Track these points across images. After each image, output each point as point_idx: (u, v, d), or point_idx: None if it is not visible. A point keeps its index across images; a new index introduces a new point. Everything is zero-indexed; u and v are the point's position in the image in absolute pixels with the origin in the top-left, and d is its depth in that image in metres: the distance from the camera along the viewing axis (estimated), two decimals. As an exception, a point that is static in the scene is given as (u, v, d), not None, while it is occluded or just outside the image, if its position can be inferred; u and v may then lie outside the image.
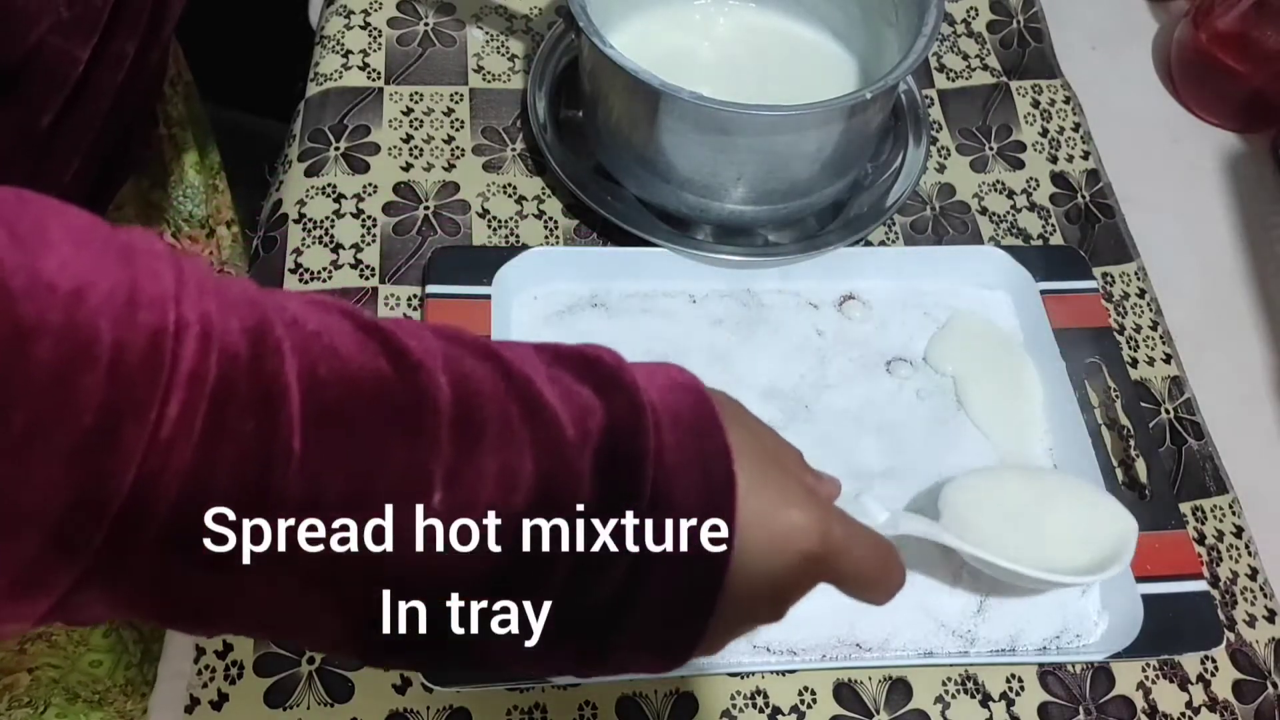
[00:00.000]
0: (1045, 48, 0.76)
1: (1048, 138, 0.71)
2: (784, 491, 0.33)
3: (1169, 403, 0.60)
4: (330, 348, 0.27)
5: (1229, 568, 0.55)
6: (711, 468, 0.31)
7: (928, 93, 0.72)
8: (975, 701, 0.50)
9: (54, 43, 0.40)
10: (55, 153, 0.44)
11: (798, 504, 0.33)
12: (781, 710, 0.50)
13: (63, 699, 0.60)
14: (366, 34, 0.71)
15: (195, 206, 0.68)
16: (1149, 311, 0.64)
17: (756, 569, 0.31)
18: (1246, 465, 0.59)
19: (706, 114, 0.55)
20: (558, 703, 0.49)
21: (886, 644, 0.51)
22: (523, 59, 0.71)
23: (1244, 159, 0.73)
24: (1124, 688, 0.51)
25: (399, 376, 0.28)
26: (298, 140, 0.66)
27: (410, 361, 0.28)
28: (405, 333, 0.29)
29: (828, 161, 0.60)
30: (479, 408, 0.29)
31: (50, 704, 0.60)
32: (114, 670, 0.63)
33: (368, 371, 0.28)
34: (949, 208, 0.67)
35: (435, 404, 0.28)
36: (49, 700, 0.60)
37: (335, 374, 0.27)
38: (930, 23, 0.58)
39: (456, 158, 0.66)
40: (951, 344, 0.61)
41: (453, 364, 0.29)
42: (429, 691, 0.48)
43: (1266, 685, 0.52)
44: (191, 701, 0.48)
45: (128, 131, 0.55)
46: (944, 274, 0.63)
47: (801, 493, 0.33)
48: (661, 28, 0.67)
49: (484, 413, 0.29)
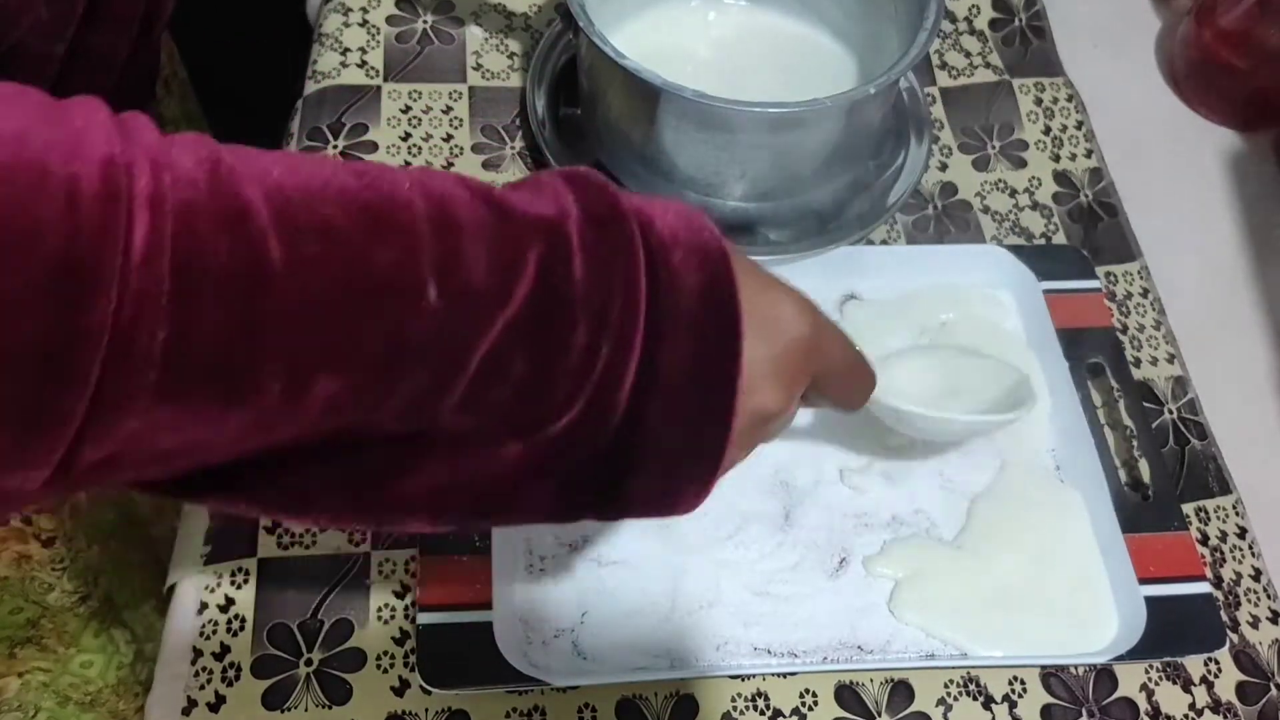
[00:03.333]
0: (1048, 46, 0.76)
1: (1050, 136, 0.71)
2: (772, 281, 0.35)
3: (1172, 403, 0.60)
4: (289, 166, 0.27)
5: (1232, 569, 0.55)
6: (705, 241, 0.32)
7: (929, 91, 0.72)
8: (977, 704, 0.50)
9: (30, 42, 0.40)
10: None
11: (786, 292, 0.35)
12: (783, 712, 0.49)
13: (53, 702, 0.60)
14: (365, 31, 0.70)
15: None
16: (1152, 311, 0.64)
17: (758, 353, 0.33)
18: (1250, 466, 0.59)
19: (709, 112, 0.55)
20: (557, 704, 0.48)
21: (888, 646, 0.51)
22: (521, 57, 0.71)
23: (1247, 157, 0.73)
24: (1127, 689, 0.51)
25: (364, 185, 0.28)
26: (296, 139, 0.66)
27: (372, 172, 0.29)
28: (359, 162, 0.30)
29: (830, 158, 0.60)
30: (451, 207, 0.29)
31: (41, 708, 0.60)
32: (105, 671, 0.62)
33: (332, 184, 0.28)
34: (951, 207, 0.67)
35: (408, 203, 0.28)
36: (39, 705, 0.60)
37: (298, 188, 0.27)
38: (931, 17, 0.57)
39: (455, 156, 0.65)
40: (953, 344, 0.61)
41: (414, 174, 0.30)
42: (427, 694, 0.48)
43: (1270, 687, 0.52)
44: (189, 703, 0.47)
45: None
46: (946, 273, 0.63)
47: (787, 286, 0.36)
48: (658, 25, 0.67)
49: (458, 211, 0.29)
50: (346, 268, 0.27)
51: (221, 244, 0.25)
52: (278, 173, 0.27)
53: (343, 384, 0.27)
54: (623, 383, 0.30)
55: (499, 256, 0.29)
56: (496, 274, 0.29)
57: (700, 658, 0.50)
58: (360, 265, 0.27)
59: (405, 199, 0.28)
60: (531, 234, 0.30)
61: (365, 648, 0.49)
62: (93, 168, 0.24)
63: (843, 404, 0.41)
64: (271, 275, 0.25)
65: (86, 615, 0.60)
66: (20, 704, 0.59)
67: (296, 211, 0.26)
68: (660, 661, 0.50)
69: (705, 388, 0.32)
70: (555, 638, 0.50)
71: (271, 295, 0.25)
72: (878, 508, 0.55)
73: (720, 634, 0.50)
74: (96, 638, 0.62)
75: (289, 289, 0.26)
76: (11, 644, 0.57)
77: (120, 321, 0.23)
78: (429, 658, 0.47)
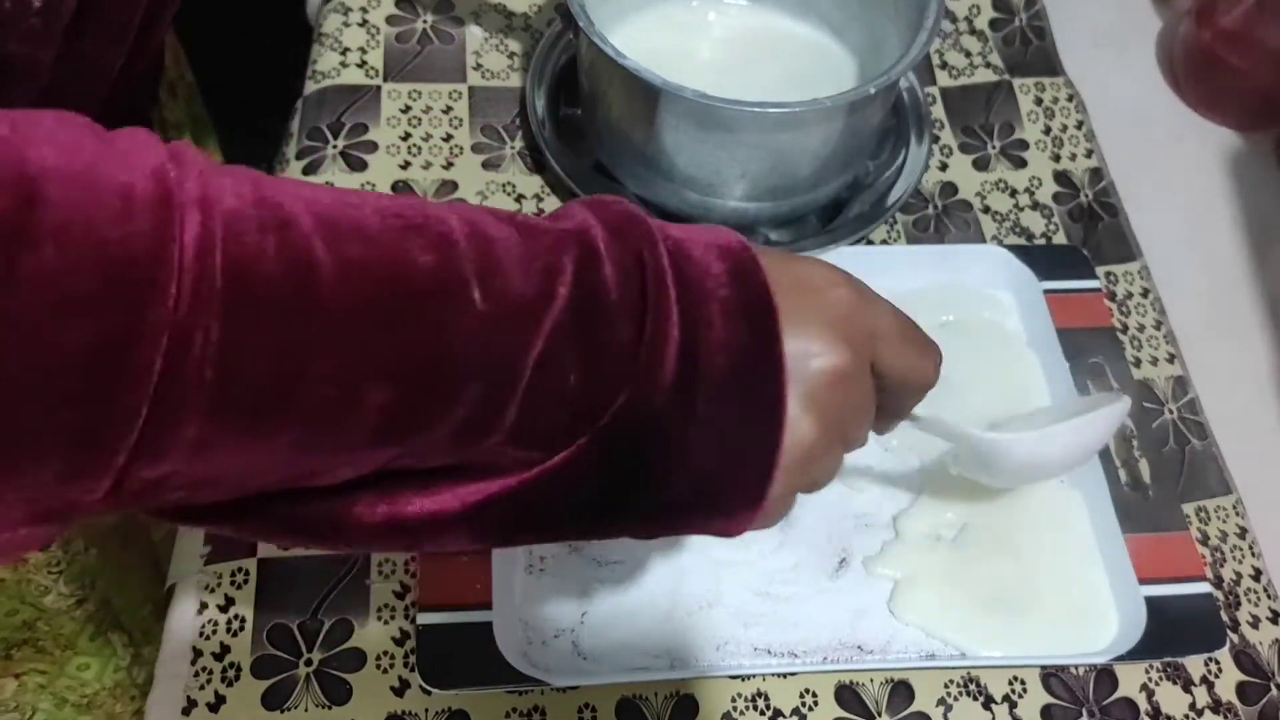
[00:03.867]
0: (1048, 45, 0.76)
1: (1050, 136, 0.71)
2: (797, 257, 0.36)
3: (1172, 403, 0.60)
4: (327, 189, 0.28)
5: (1232, 569, 0.55)
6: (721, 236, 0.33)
7: (930, 91, 0.72)
8: (978, 704, 0.50)
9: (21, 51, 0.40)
10: None
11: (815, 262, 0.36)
12: (783, 712, 0.49)
13: (50, 704, 0.60)
14: (365, 31, 0.70)
15: None
16: (1152, 311, 0.64)
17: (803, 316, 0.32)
18: (1250, 465, 0.59)
19: (710, 112, 0.55)
20: (557, 704, 0.48)
21: (888, 646, 0.51)
22: (521, 56, 0.71)
23: (1247, 157, 0.73)
24: (1127, 690, 0.51)
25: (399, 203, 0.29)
26: (295, 138, 0.66)
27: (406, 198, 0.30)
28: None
29: (830, 158, 0.59)
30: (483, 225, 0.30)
31: (38, 709, 0.60)
32: (102, 673, 0.62)
33: (369, 201, 0.29)
34: (951, 206, 0.67)
35: (444, 220, 0.29)
36: (36, 706, 0.60)
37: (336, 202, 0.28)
38: (931, 17, 0.57)
39: (455, 156, 0.65)
40: (954, 344, 0.60)
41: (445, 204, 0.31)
42: (428, 694, 0.48)
43: (1270, 687, 0.52)
44: (189, 703, 0.47)
45: None
46: (946, 273, 0.63)
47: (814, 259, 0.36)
48: (658, 25, 0.67)
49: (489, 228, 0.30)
50: (391, 269, 0.27)
51: (269, 245, 0.25)
52: (316, 192, 0.28)
53: (394, 394, 0.27)
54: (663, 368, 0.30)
55: (535, 264, 0.29)
56: (536, 279, 0.29)
57: (700, 658, 0.50)
58: (404, 267, 0.27)
59: (439, 215, 0.29)
60: (563, 244, 0.30)
61: (365, 648, 0.49)
62: (145, 175, 0.25)
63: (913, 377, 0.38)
64: (318, 276, 0.26)
65: (83, 618, 0.60)
66: (17, 705, 0.59)
67: (337, 219, 0.27)
68: (660, 661, 0.50)
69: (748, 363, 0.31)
70: (555, 638, 0.50)
71: (320, 297, 0.26)
72: (878, 508, 0.55)
73: (720, 634, 0.50)
74: (93, 640, 0.62)
75: (336, 290, 0.26)
76: (8, 646, 0.57)
77: (178, 319, 0.24)
78: (429, 658, 0.47)
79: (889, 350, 0.36)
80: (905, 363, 0.37)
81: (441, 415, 0.28)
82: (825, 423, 0.33)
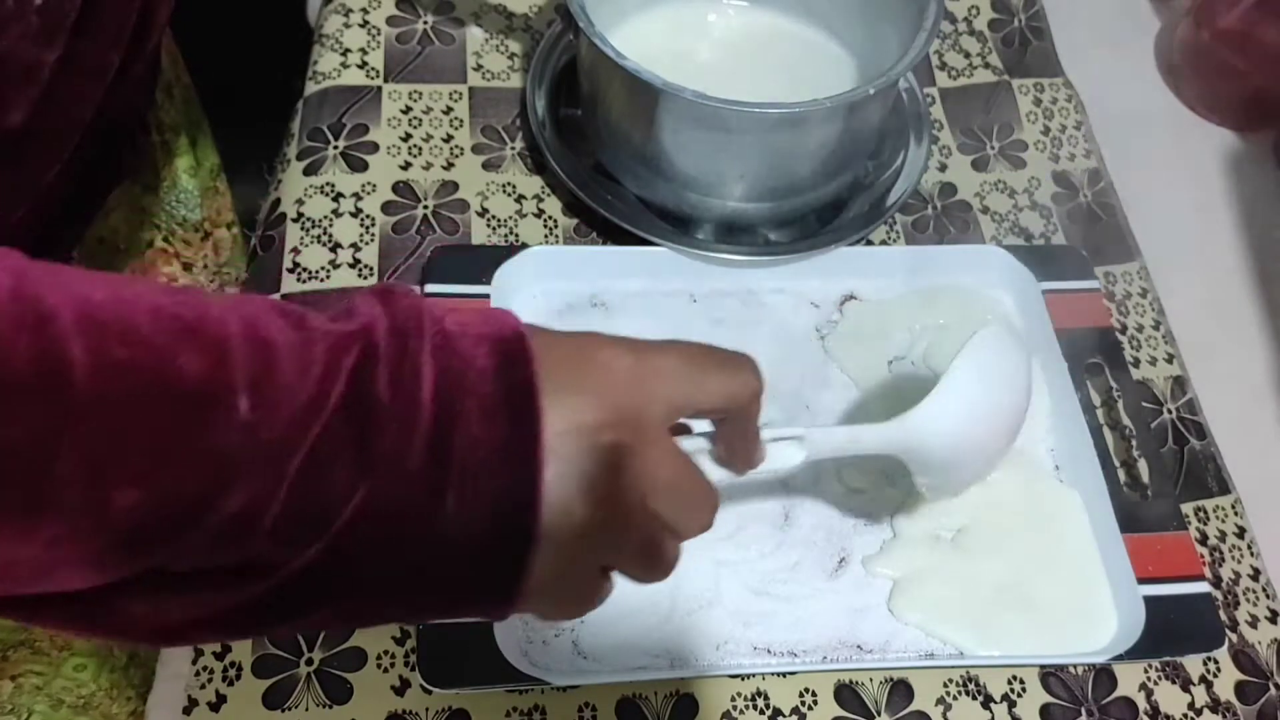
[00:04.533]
0: (1047, 46, 0.76)
1: (1049, 136, 0.71)
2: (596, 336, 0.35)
3: (1171, 403, 0.60)
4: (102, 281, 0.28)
5: (1231, 568, 0.55)
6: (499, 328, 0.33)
7: (929, 91, 0.72)
8: (977, 703, 0.50)
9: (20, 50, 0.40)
10: (30, 155, 0.44)
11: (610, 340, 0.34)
12: (782, 712, 0.49)
13: (46, 705, 0.60)
14: (365, 32, 0.70)
15: (189, 211, 0.67)
16: (1151, 311, 0.64)
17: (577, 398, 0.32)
18: (1249, 465, 0.59)
19: (710, 112, 0.55)
20: (557, 704, 0.48)
21: (887, 645, 0.51)
22: (522, 57, 0.71)
23: (1246, 157, 0.73)
24: (1126, 689, 0.51)
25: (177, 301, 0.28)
26: (296, 139, 0.66)
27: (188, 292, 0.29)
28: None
29: (829, 158, 0.60)
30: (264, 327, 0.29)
31: (34, 711, 0.60)
32: (98, 674, 0.62)
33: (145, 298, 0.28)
34: (950, 207, 0.67)
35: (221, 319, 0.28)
36: (32, 708, 0.60)
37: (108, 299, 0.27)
38: (930, 18, 0.57)
39: (455, 156, 0.66)
40: (953, 344, 0.60)
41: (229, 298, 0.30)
42: (428, 693, 0.48)
43: (1269, 686, 0.52)
44: (190, 703, 0.47)
45: (115, 140, 0.55)
46: (945, 274, 0.63)
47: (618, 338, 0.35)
48: (658, 26, 0.67)
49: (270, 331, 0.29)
50: (152, 373, 0.26)
51: (20, 343, 0.25)
52: (87, 286, 0.27)
53: (142, 496, 0.27)
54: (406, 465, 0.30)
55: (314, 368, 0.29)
56: (311, 384, 0.29)
57: (700, 657, 0.50)
58: (168, 373, 0.27)
59: (218, 316, 0.28)
60: (345, 345, 0.30)
61: (366, 647, 0.49)
62: None
63: (736, 391, 0.36)
64: (72, 377, 0.25)
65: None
66: (13, 706, 0.59)
67: (104, 318, 0.26)
68: (660, 661, 0.50)
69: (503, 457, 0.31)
70: (555, 637, 0.50)
71: (71, 397, 0.25)
72: (877, 508, 0.55)
73: (720, 634, 0.51)
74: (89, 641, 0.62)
75: (90, 391, 0.25)
76: (4, 647, 0.57)
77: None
78: (429, 657, 0.47)
79: (693, 388, 0.35)
80: (718, 388, 0.36)
81: (196, 519, 0.28)
82: (611, 500, 0.33)
